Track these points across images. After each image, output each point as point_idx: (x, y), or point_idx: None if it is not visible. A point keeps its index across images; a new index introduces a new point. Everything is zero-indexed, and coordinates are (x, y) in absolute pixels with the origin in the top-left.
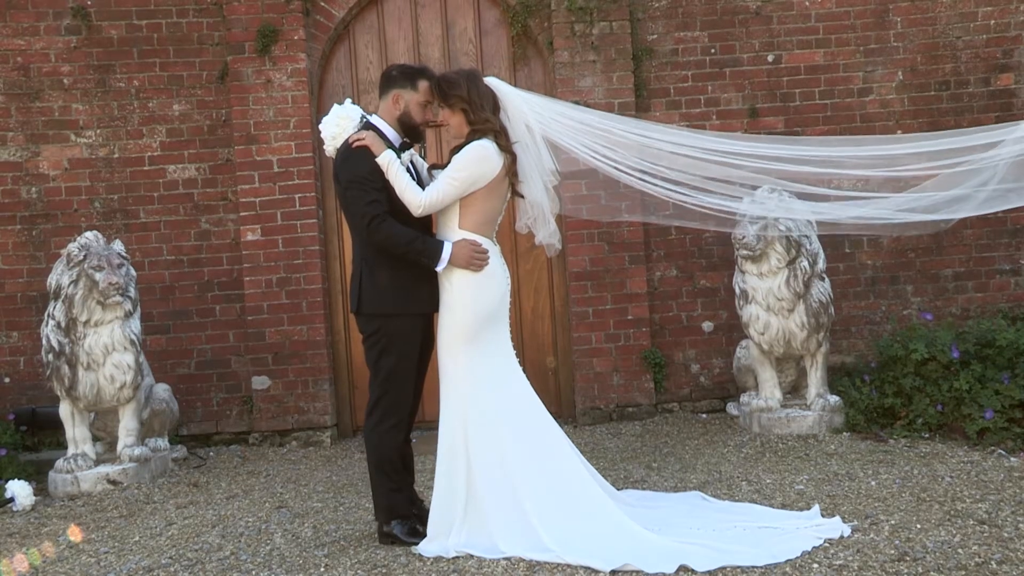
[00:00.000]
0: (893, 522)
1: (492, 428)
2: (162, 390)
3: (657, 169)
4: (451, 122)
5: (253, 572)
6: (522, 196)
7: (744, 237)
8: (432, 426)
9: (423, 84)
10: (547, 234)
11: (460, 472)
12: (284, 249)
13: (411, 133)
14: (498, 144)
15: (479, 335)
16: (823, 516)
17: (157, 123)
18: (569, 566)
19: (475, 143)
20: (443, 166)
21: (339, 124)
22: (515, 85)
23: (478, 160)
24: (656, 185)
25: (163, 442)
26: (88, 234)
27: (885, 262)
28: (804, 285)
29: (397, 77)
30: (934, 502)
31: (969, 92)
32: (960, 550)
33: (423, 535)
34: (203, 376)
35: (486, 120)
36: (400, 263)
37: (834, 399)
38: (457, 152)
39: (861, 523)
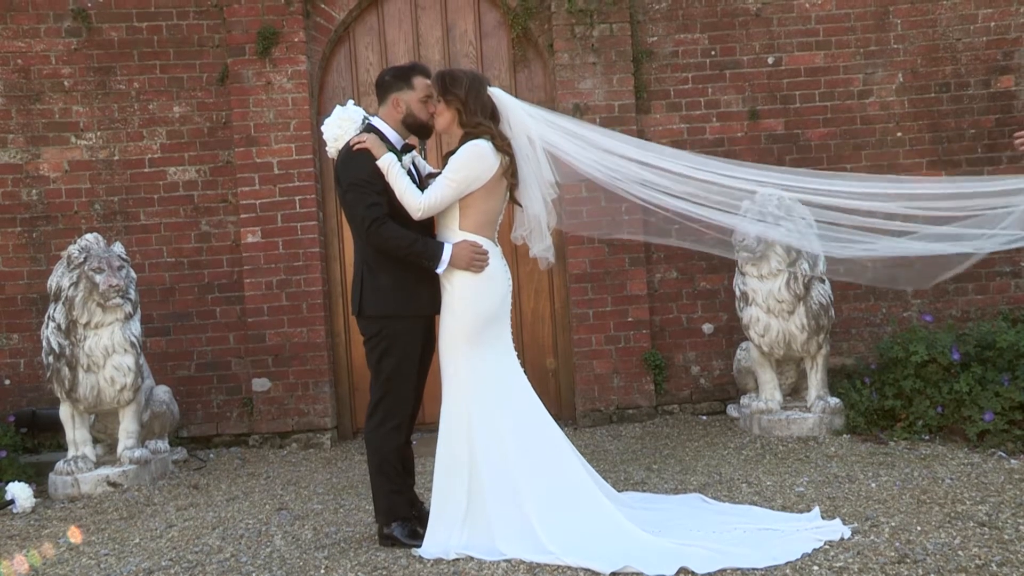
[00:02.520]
0: (893, 524)
1: (494, 430)
2: (162, 392)
3: (661, 186)
4: (442, 116)
5: (253, 574)
6: (519, 204)
7: (744, 239)
8: (433, 428)
9: (419, 81)
10: (542, 248)
11: (462, 473)
12: (284, 251)
13: (420, 130)
14: (494, 144)
15: (480, 336)
16: (823, 518)
17: (157, 125)
18: (569, 568)
19: (470, 143)
20: (440, 172)
21: (341, 126)
22: (515, 87)
23: (474, 159)
24: (658, 197)
25: (163, 444)
26: (88, 236)
27: (885, 264)
28: (804, 287)
29: (391, 81)
30: (934, 504)
31: (969, 94)
32: (960, 552)
33: (423, 537)
34: (203, 378)
35: (478, 124)
36: (401, 265)
37: (834, 401)
38: (452, 155)
39: (861, 525)
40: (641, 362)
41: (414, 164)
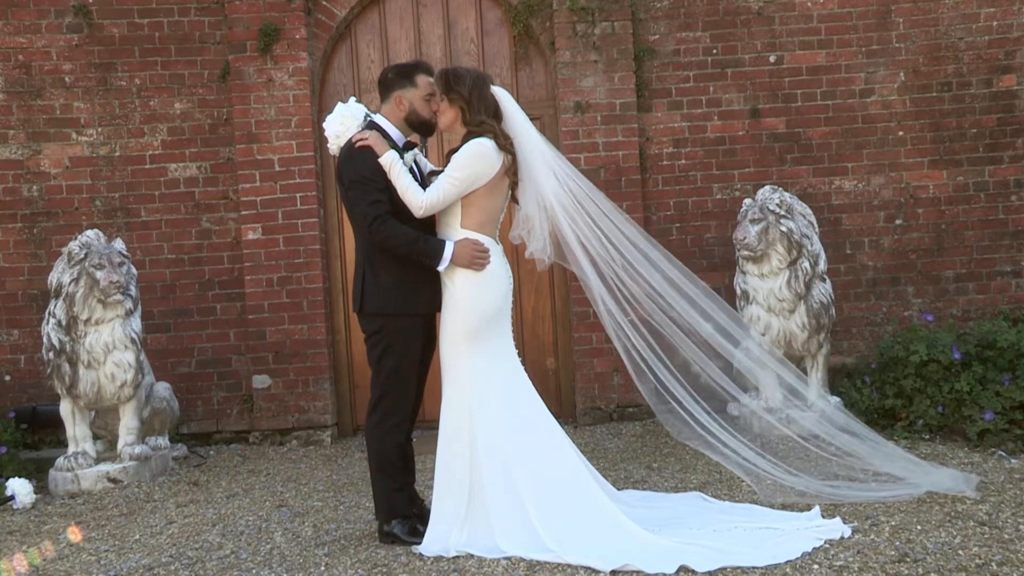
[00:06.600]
0: (893, 523)
1: (495, 428)
2: (162, 389)
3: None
4: (445, 114)
5: (253, 571)
6: (518, 204)
7: (745, 238)
8: (433, 426)
9: (422, 79)
10: (537, 248)
11: (463, 471)
12: (285, 248)
13: (422, 128)
14: (497, 143)
15: (481, 334)
16: (823, 517)
17: (158, 122)
18: (570, 566)
19: (473, 141)
20: (442, 170)
21: (343, 123)
22: (517, 85)
23: (477, 157)
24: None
25: (163, 441)
26: (89, 232)
27: (886, 263)
28: (805, 286)
29: (394, 79)
30: (934, 503)
31: (971, 93)
32: (960, 551)
33: (423, 534)
34: (204, 375)
35: (481, 123)
36: (402, 263)
37: (835, 400)
38: (455, 153)
39: (861, 524)
40: None
41: (416, 162)
